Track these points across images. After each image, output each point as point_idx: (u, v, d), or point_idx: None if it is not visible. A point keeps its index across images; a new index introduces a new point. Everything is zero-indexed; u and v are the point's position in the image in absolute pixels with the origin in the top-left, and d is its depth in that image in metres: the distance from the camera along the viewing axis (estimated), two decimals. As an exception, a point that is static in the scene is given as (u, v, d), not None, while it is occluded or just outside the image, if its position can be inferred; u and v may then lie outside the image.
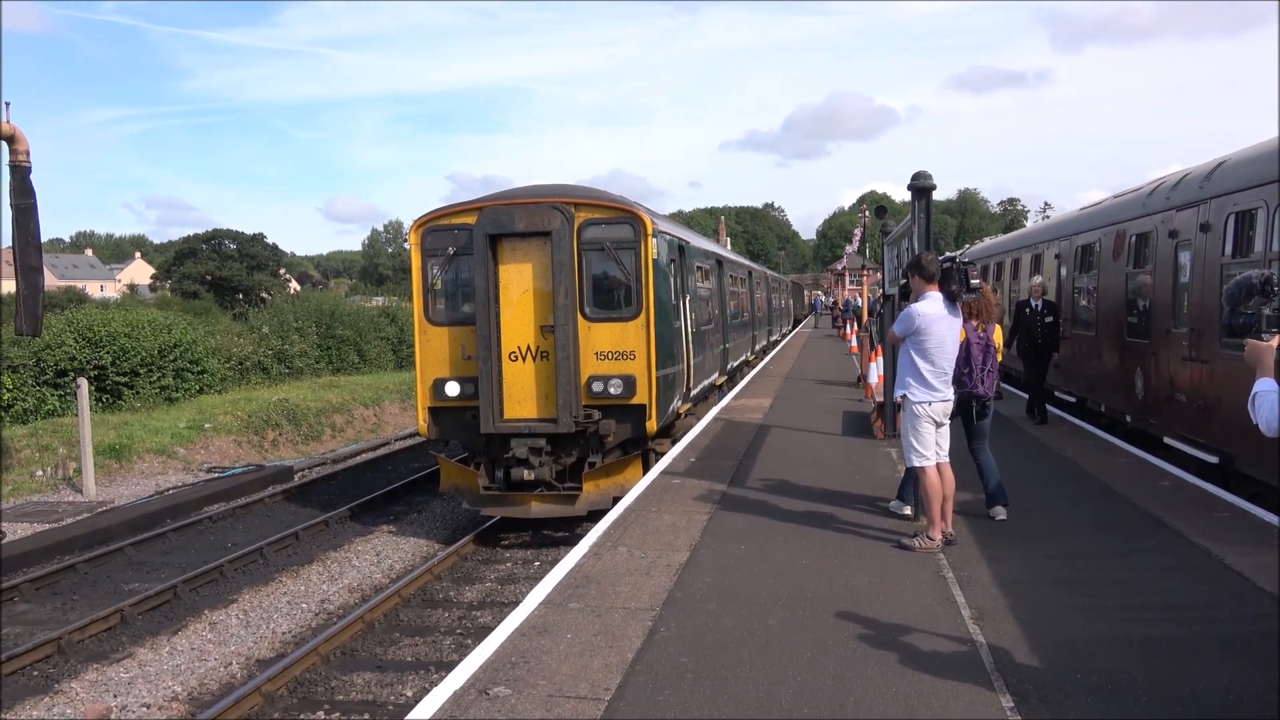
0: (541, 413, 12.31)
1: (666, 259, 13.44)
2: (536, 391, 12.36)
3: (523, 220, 12.05)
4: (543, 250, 12.15)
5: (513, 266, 12.37)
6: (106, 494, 16.44)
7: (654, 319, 12.31)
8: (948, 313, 7.94)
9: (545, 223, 11.98)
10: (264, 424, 22.03)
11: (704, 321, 17.34)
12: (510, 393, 12.35)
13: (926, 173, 9.88)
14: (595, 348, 12.30)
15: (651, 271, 12.31)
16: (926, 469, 7.97)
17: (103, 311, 26.29)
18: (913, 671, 5.48)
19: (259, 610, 10.60)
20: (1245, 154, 10.35)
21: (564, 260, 11.91)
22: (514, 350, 12.35)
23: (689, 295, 15.38)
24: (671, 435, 14.34)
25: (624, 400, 12.22)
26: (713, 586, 7.16)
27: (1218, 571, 7.16)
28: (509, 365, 12.34)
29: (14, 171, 14.25)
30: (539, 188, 13.35)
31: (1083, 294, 15.86)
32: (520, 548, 12.98)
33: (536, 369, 12.34)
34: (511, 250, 12.36)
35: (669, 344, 13.16)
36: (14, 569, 11.96)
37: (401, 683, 8.53)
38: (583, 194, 12.89)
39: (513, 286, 12.37)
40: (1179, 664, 5.48)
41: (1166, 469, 10.89)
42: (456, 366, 12.58)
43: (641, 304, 12.33)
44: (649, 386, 12.27)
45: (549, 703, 5.26)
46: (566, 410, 11.87)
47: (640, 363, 12.30)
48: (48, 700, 8.27)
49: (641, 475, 11.87)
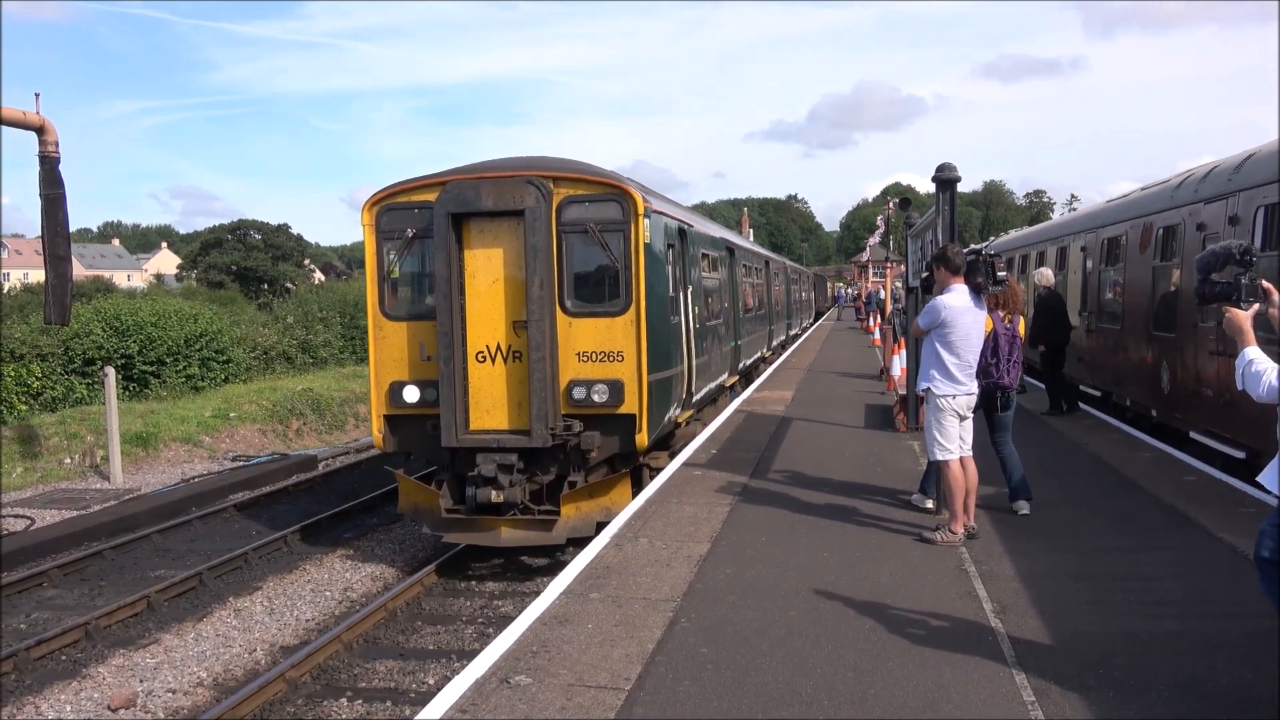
0: (513, 423, 10.54)
1: (663, 244, 11.73)
2: (508, 398, 10.57)
3: (491, 196, 10.23)
4: (515, 232, 10.36)
5: (480, 251, 10.57)
6: (133, 481, 16.62)
7: (646, 314, 10.55)
8: (973, 305, 7.91)
9: (518, 199, 10.16)
10: (288, 413, 22.19)
11: (710, 316, 15.58)
12: (477, 400, 10.59)
13: (951, 164, 9.81)
14: (577, 347, 10.53)
15: (643, 258, 10.52)
16: (950, 462, 7.94)
17: (130, 301, 26.54)
18: (933, 664, 5.48)
19: (283, 597, 10.69)
20: (1275, 146, 10.22)
21: (539, 244, 10.12)
22: (481, 350, 10.56)
23: (691, 286, 13.66)
24: (670, 447, 12.74)
25: (610, 409, 10.48)
26: (734, 578, 7.17)
27: (1241, 567, 7.09)
28: (475, 367, 10.57)
29: (43, 162, 14.43)
30: (513, 160, 11.38)
31: (1109, 287, 15.72)
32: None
33: (508, 372, 10.56)
34: (479, 232, 10.57)
35: (664, 343, 11.37)
36: (42, 555, 12.13)
37: (423, 670, 8.59)
38: (563, 167, 11.00)
39: (480, 275, 10.58)
40: (1202, 659, 5.45)
41: (1191, 464, 10.80)
42: (416, 369, 10.88)
43: (631, 296, 10.53)
44: (639, 393, 10.49)
45: (570, 691, 5.29)
46: (541, 421, 10.12)
47: (629, 365, 10.51)
48: (75, 684, 8.38)
49: (631, 497, 10.24)
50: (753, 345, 22.64)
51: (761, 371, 24.37)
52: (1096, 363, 16.17)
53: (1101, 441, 12.58)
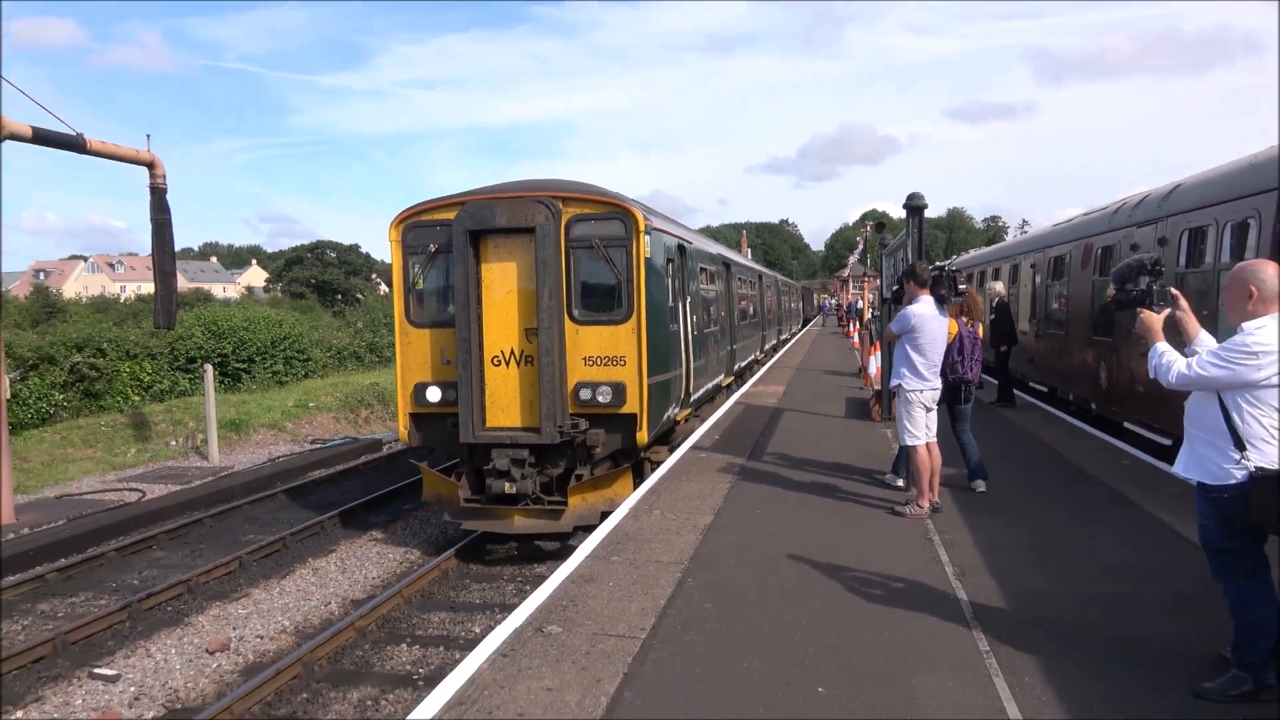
0: (525, 422, 10.07)
1: (663, 258, 11.11)
2: (520, 399, 10.10)
3: (505, 215, 9.82)
4: (527, 247, 9.90)
5: (496, 265, 10.12)
6: (228, 461, 16.72)
7: (646, 322, 10.02)
8: (938, 314, 7.88)
9: (529, 218, 9.74)
10: (358, 403, 22.28)
11: (707, 324, 14.87)
12: (493, 400, 10.13)
13: (919, 194, 9.76)
14: (583, 352, 10.03)
15: (644, 271, 10.01)
16: (918, 447, 7.91)
17: (225, 309, 26.78)
18: (903, 619, 5.45)
19: (353, 559, 10.73)
20: (1199, 178, 10.13)
21: (549, 258, 9.68)
22: (497, 355, 10.10)
23: (690, 297, 12.96)
24: (670, 442, 12.15)
25: (613, 409, 9.96)
26: (733, 544, 7.15)
27: (1170, 539, 7.04)
28: (491, 370, 10.11)
29: (153, 192, 14.53)
30: (526, 182, 10.87)
31: (1054, 298, 15.62)
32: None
33: (520, 375, 10.08)
34: (495, 248, 10.11)
35: (664, 348, 10.83)
36: (151, 522, 12.22)
37: (471, 620, 8.61)
38: (571, 188, 10.47)
39: (496, 286, 10.12)
40: (1134, 616, 5.40)
41: (1126, 450, 10.70)
42: (438, 371, 10.44)
43: (633, 306, 9.99)
44: (640, 394, 9.97)
45: (594, 639, 5.30)
46: (551, 420, 9.66)
47: (631, 369, 9.99)
48: (179, 631, 8.44)
49: (633, 489, 9.74)
50: (747, 349, 21.98)
51: (755, 371, 24.19)
52: (1044, 363, 16.06)
53: (1049, 431, 12.47)
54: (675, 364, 11.62)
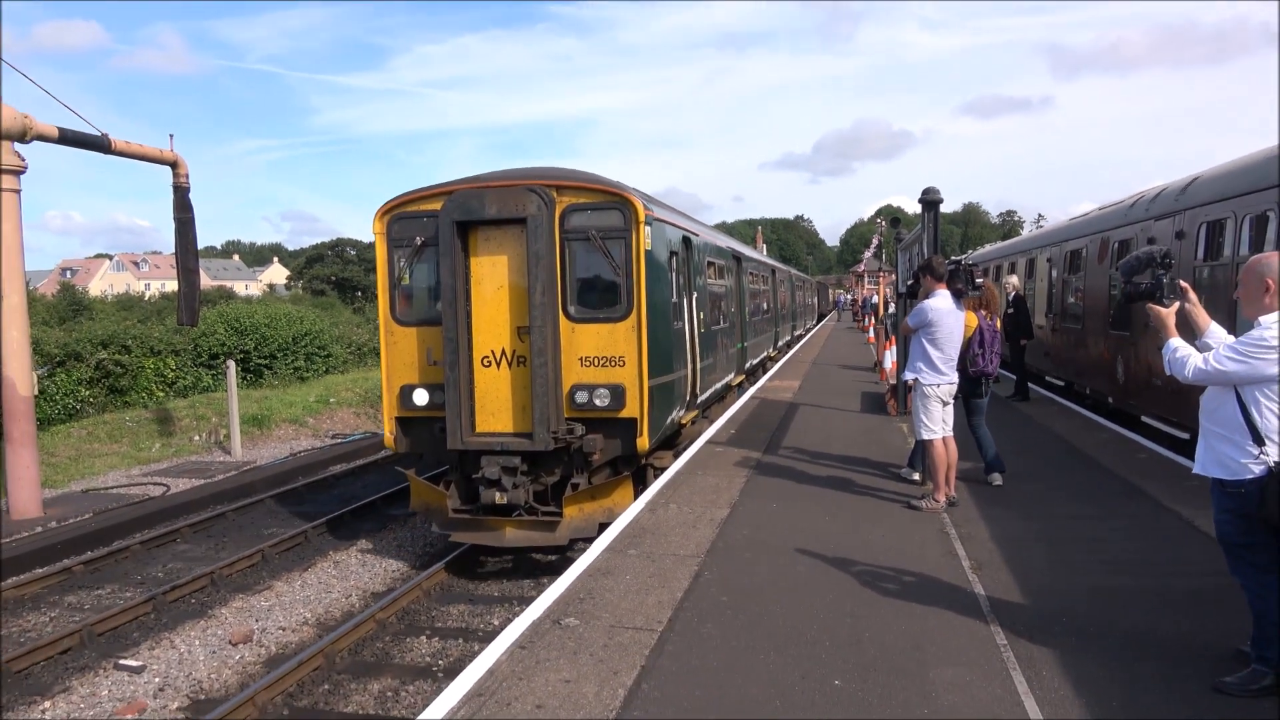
0: (518, 426, 9.25)
1: (665, 251, 10.29)
2: (512, 402, 9.28)
3: (495, 204, 8.98)
4: (519, 240, 9.10)
5: (485, 259, 9.29)
6: (250, 455, 16.83)
7: (647, 319, 9.22)
8: (954, 308, 7.83)
9: (520, 207, 8.92)
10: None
11: (716, 320, 14.02)
12: (482, 403, 9.33)
13: (935, 188, 9.70)
14: (579, 352, 9.24)
15: (644, 265, 9.19)
16: (934, 441, 7.87)
17: (247, 306, 26.96)
18: (919, 612, 5.42)
19: (374, 552, 10.77)
20: (1216, 171, 10.00)
21: (542, 251, 8.86)
22: (486, 355, 9.29)
23: (696, 292, 12.08)
24: (675, 447, 11.37)
25: (612, 413, 9.18)
26: (749, 538, 7.13)
27: (1187, 533, 6.97)
28: (481, 372, 9.31)
29: (176, 191, 14.63)
30: (518, 170, 10.01)
31: (1071, 292, 15.49)
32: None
33: (512, 376, 9.26)
34: (485, 240, 9.29)
35: (666, 348, 10.04)
36: (176, 516, 12.32)
37: (489, 613, 8.63)
38: (566, 176, 9.63)
39: (486, 282, 9.30)
40: (1152, 610, 5.35)
41: (1143, 443, 10.60)
42: (425, 373, 9.65)
43: (633, 302, 9.18)
44: (640, 397, 9.18)
45: (611, 631, 5.30)
46: (544, 425, 8.86)
47: (631, 370, 9.19)
48: (203, 623, 8.50)
49: (634, 498, 9.13)
50: (758, 346, 20.99)
51: (767, 369, 23.92)
52: (1060, 357, 15.93)
53: (1065, 425, 12.37)
54: (679, 364, 10.93)
